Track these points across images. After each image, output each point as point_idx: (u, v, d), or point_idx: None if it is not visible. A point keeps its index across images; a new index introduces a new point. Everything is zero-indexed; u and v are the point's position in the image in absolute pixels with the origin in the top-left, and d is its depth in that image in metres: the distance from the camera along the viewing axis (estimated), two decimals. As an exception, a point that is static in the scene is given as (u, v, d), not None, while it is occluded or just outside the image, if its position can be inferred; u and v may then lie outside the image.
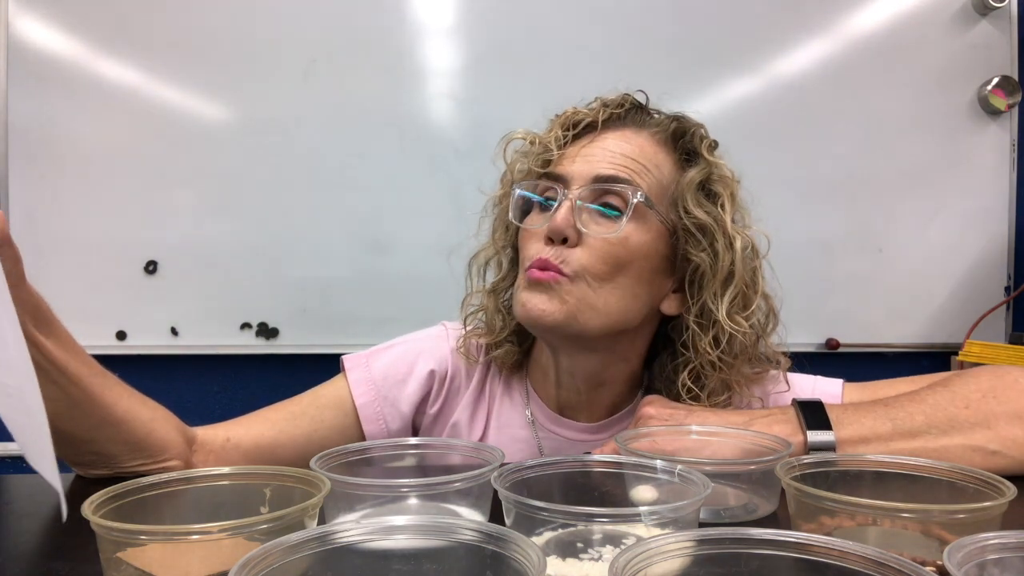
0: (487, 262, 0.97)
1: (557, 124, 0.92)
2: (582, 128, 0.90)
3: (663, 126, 0.90)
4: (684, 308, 0.88)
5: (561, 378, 0.92)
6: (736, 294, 0.85)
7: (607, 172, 0.85)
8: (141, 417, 0.77)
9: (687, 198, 0.86)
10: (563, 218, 0.83)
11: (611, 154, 0.86)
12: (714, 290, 0.85)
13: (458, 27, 1.85)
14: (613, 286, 0.84)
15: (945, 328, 1.98)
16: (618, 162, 0.85)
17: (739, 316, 0.85)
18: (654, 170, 0.87)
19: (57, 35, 1.73)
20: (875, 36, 1.93)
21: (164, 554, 0.48)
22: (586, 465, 0.62)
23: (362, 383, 0.93)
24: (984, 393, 0.77)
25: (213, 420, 0.88)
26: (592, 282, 0.83)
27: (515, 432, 0.96)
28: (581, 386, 0.92)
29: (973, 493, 0.57)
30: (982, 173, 1.97)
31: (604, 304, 0.83)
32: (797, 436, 0.74)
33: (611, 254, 0.83)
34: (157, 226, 1.78)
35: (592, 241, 0.83)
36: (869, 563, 0.40)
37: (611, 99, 0.92)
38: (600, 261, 0.83)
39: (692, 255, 0.85)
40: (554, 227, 0.83)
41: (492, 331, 0.95)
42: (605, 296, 0.83)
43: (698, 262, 0.85)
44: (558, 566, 0.50)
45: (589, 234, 0.83)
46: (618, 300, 0.84)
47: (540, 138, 0.92)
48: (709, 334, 0.85)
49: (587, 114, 0.90)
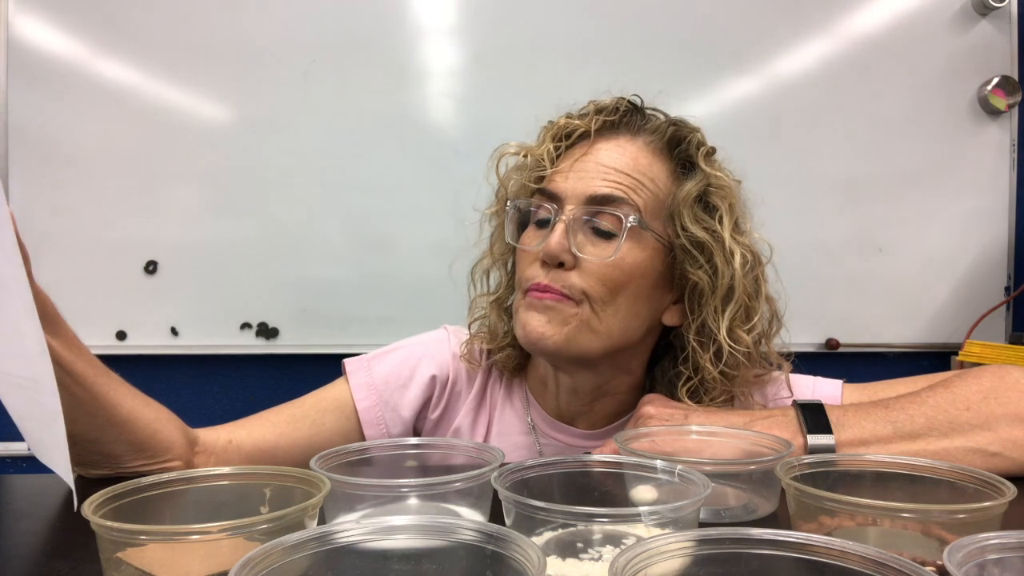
0: (488, 270, 0.96)
1: (548, 136, 0.90)
2: (575, 138, 0.88)
3: (659, 133, 0.87)
4: (684, 320, 0.87)
5: (560, 391, 0.92)
6: (737, 309, 0.83)
7: (601, 191, 0.83)
8: (145, 418, 0.77)
9: (684, 214, 0.84)
10: (557, 243, 0.81)
11: (605, 170, 0.84)
12: (714, 306, 0.83)
13: (458, 27, 1.85)
14: (614, 308, 0.83)
15: (945, 328, 1.98)
16: (612, 179, 0.83)
17: (741, 330, 0.84)
18: (649, 184, 0.84)
19: (57, 35, 1.73)
20: (875, 36, 1.92)
21: (164, 554, 0.48)
22: (586, 465, 0.62)
23: (363, 387, 0.93)
24: (985, 395, 0.76)
25: (213, 420, 0.88)
26: (592, 305, 0.82)
27: (516, 438, 0.96)
28: (583, 398, 0.92)
29: (973, 493, 0.57)
30: (982, 173, 1.97)
31: (605, 326, 0.83)
32: (797, 439, 0.74)
33: (608, 276, 0.82)
34: (157, 226, 1.78)
35: (588, 264, 0.82)
36: (869, 563, 0.40)
37: (604, 104, 0.90)
38: (598, 284, 0.82)
39: (690, 273, 0.84)
40: (549, 252, 0.82)
41: (495, 337, 0.95)
42: (606, 318, 0.83)
43: (696, 279, 0.84)
44: (558, 566, 0.50)
45: (584, 257, 0.82)
46: (619, 321, 0.83)
47: (532, 152, 0.90)
48: (710, 351, 0.84)
49: (579, 124, 0.88)
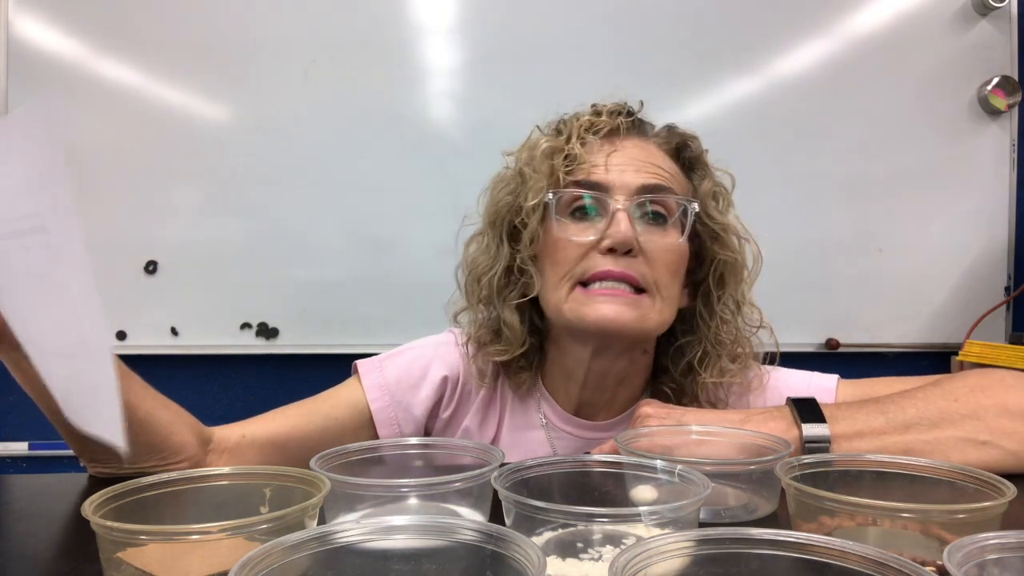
0: (496, 274, 0.91)
1: (575, 132, 0.89)
2: (602, 135, 0.90)
3: (663, 136, 0.94)
4: (691, 302, 0.93)
5: (589, 379, 0.92)
6: (741, 284, 0.93)
7: (652, 182, 0.86)
8: (161, 420, 0.78)
9: (708, 204, 0.91)
10: (628, 229, 0.83)
11: (642, 163, 0.88)
12: (734, 283, 0.92)
13: (458, 27, 1.85)
14: (668, 292, 0.87)
15: (945, 328, 1.97)
16: (651, 171, 0.87)
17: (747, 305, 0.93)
18: (676, 177, 0.90)
19: (57, 35, 1.73)
20: (875, 36, 1.92)
21: (164, 554, 0.48)
22: (586, 465, 0.62)
23: (376, 388, 0.94)
24: (972, 388, 0.79)
25: (213, 420, 0.88)
26: (657, 292, 0.85)
27: (528, 434, 0.96)
28: (609, 384, 0.92)
29: (973, 493, 0.57)
30: (982, 173, 1.97)
31: (665, 311, 0.87)
32: (792, 431, 0.75)
33: (669, 262, 0.86)
34: (157, 226, 1.78)
35: (652, 251, 0.85)
36: (869, 563, 0.40)
37: (611, 106, 0.92)
38: (663, 270, 0.85)
39: (719, 254, 0.91)
40: (621, 239, 0.82)
41: (511, 346, 0.92)
42: (667, 302, 0.87)
43: (725, 259, 0.91)
44: (558, 566, 0.50)
45: (648, 245, 0.85)
46: (671, 305, 0.88)
47: (562, 147, 0.88)
48: (716, 322, 0.92)
49: (606, 122, 0.90)
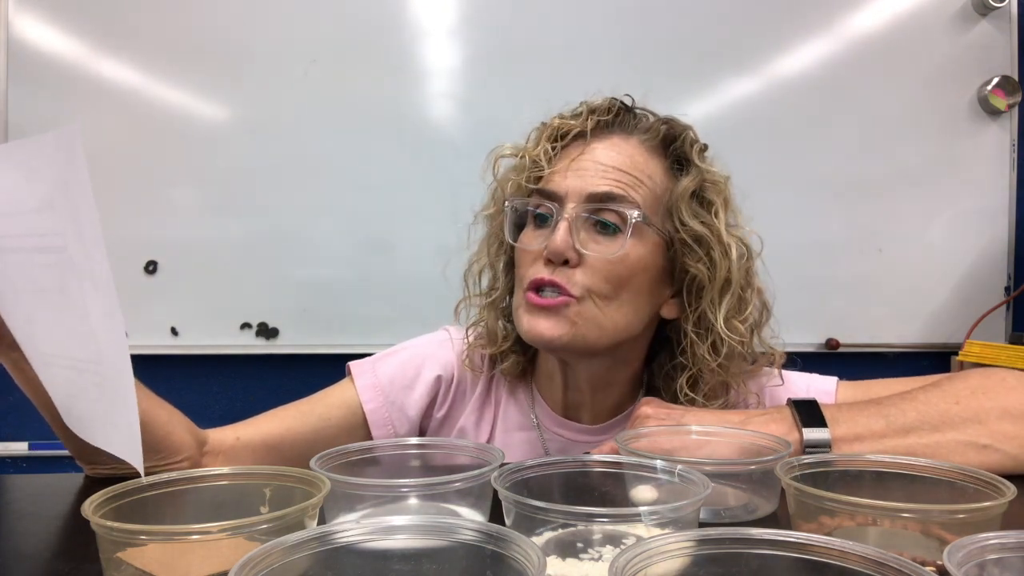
0: (481, 272, 0.96)
1: (544, 137, 0.90)
2: (570, 138, 0.88)
3: (652, 131, 0.89)
4: (682, 313, 0.88)
5: (568, 382, 0.93)
6: (733, 300, 0.85)
7: (602, 189, 0.83)
8: (159, 420, 0.78)
9: (681, 209, 0.85)
10: (562, 240, 0.81)
11: (603, 168, 0.85)
12: (711, 298, 0.85)
13: (458, 27, 1.85)
14: (618, 303, 0.84)
15: (945, 328, 1.98)
16: (611, 176, 0.84)
17: (736, 321, 0.85)
18: (647, 181, 0.86)
19: (57, 35, 1.73)
20: (875, 36, 1.92)
21: (164, 554, 0.48)
22: (586, 465, 0.62)
23: (370, 389, 0.94)
24: (973, 390, 0.78)
25: (213, 420, 0.88)
26: (597, 301, 0.83)
27: (520, 435, 0.96)
28: (586, 389, 0.92)
29: (973, 493, 0.57)
30: (982, 173, 1.97)
31: (610, 322, 0.84)
32: (793, 434, 0.75)
33: (613, 272, 0.83)
34: (157, 226, 1.78)
35: (592, 261, 0.82)
36: (869, 563, 0.40)
37: (597, 104, 0.90)
38: (603, 280, 0.82)
39: (689, 266, 0.85)
40: (554, 249, 0.82)
41: (494, 341, 0.94)
42: (611, 314, 0.84)
43: (695, 272, 0.85)
44: (558, 566, 0.50)
45: (589, 254, 0.82)
46: (623, 316, 0.85)
47: (528, 152, 0.90)
48: (707, 341, 0.86)
49: (574, 124, 0.88)
